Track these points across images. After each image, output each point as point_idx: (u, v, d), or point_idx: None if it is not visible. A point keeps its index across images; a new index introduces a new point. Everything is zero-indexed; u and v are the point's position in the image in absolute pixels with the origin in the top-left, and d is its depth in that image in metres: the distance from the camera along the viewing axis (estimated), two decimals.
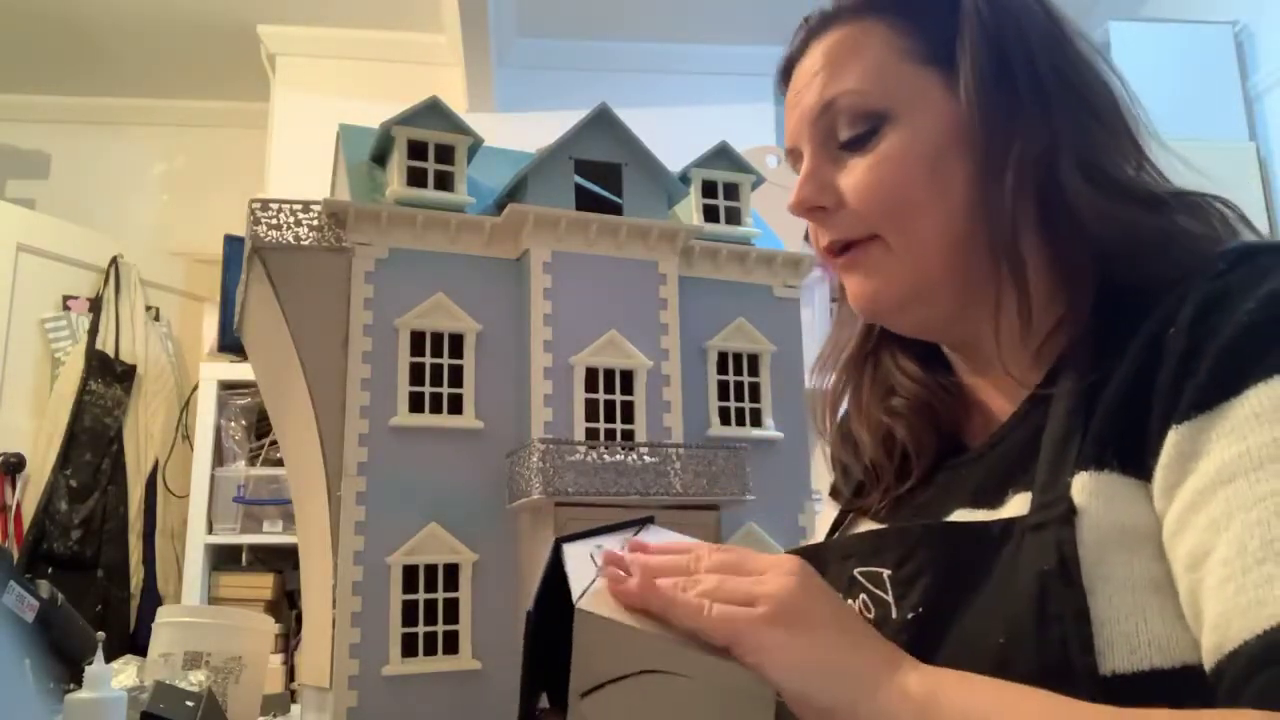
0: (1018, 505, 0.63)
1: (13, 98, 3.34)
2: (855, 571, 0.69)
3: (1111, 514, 0.57)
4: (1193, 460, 0.55)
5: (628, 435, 1.32)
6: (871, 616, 0.67)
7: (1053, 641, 0.56)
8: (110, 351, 2.84)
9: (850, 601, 0.68)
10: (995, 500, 0.66)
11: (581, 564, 0.61)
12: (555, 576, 0.62)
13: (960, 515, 0.68)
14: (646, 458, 1.26)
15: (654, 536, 0.67)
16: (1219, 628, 0.52)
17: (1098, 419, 0.60)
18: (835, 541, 0.78)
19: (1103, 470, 0.58)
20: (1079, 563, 0.57)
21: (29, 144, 3.37)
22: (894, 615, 0.65)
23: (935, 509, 0.71)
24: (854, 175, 0.70)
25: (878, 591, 0.67)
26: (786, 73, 0.77)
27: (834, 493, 0.88)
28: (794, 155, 0.76)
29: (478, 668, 1.22)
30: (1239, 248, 0.61)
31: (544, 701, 0.63)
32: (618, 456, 1.26)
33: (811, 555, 0.73)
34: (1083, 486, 0.58)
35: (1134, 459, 0.58)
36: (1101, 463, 0.59)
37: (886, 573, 0.67)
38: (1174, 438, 0.56)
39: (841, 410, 0.85)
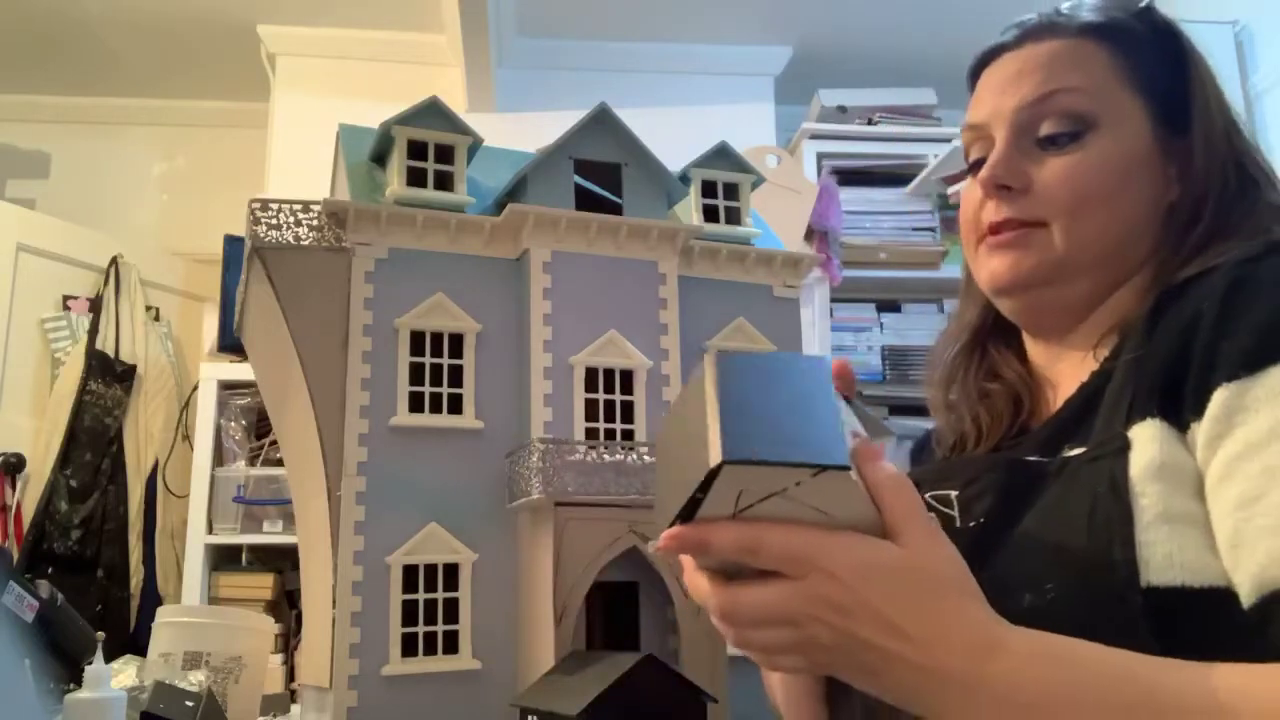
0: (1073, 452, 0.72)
1: (13, 98, 3.34)
2: (926, 495, 0.76)
3: (1153, 452, 0.65)
4: (1240, 414, 0.62)
5: (628, 435, 1.32)
6: None
7: (1099, 542, 0.64)
8: (110, 351, 2.84)
9: None
10: (1051, 453, 0.74)
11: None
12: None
13: None
14: (646, 458, 1.26)
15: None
16: (1275, 563, 0.58)
17: (1144, 378, 0.68)
18: (909, 473, 0.86)
19: (1146, 419, 0.67)
20: (1129, 485, 0.65)
21: (29, 144, 3.37)
22: (957, 525, 0.74)
23: None
24: (1052, 169, 0.78)
25: (944, 509, 0.75)
26: (986, 59, 0.86)
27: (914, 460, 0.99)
28: (977, 133, 0.84)
29: (478, 667, 1.22)
30: (1274, 240, 0.70)
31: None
32: (618, 456, 1.26)
33: None
34: (1134, 433, 0.67)
35: (1173, 411, 0.66)
36: (1146, 412, 0.67)
37: (954, 493, 0.75)
38: (1223, 394, 0.63)
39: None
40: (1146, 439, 0.66)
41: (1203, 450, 0.64)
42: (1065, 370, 0.83)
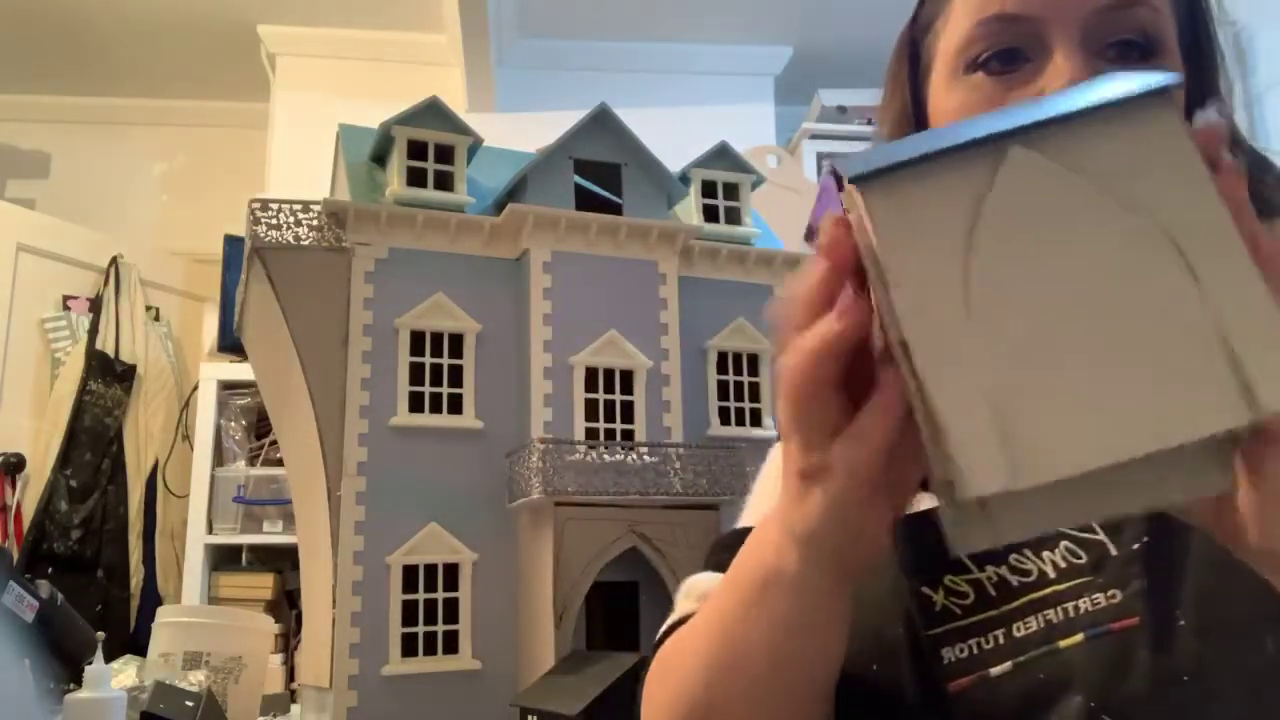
0: None
1: (13, 98, 3.34)
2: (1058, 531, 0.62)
3: None
4: None
5: (628, 435, 1.32)
6: (1082, 561, 0.60)
7: None
8: (110, 351, 2.84)
9: (1047, 554, 0.62)
10: None
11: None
12: None
13: None
14: (646, 457, 1.26)
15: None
16: None
17: None
18: None
19: None
20: None
21: (29, 144, 3.37)
22: (1113, 552, 0.59)
23: None
24: None
25: (1083, 534, 0.61)
26: None
27: None
28: (1011, 26, 0.64)
29: (478, 668, 1.22)
30: None
31: None
32: (618, 456, 1.26)
33: None
34: None
35: None
36: None
37: None
38: None
39: None
40: None
41: None
42: None
